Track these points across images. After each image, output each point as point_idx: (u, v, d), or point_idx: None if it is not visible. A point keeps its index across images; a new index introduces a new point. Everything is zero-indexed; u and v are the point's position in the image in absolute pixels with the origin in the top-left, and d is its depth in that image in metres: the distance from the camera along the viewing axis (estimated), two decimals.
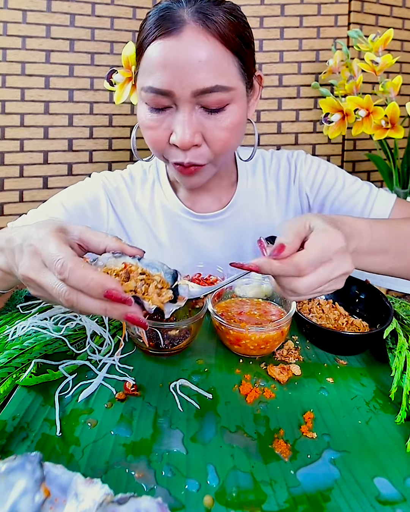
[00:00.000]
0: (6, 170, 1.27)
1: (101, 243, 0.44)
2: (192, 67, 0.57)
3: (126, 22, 1.34)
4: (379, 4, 1.46)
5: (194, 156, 0.62)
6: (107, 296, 0.37)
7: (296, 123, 1.45)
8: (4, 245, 0.47)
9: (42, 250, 0.40)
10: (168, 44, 0.57)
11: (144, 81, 0.61)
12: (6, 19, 1.23)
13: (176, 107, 0.60)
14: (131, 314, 0.39)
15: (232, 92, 0.60)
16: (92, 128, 1.35)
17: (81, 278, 0.37)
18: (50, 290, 0.39)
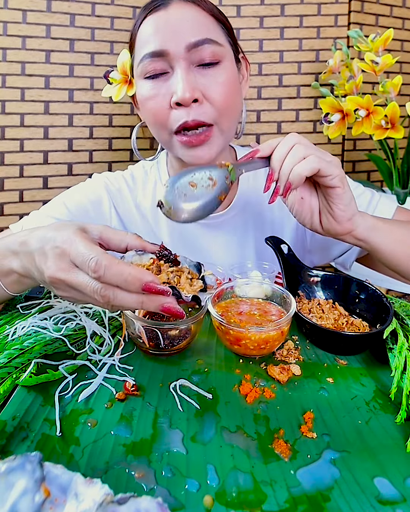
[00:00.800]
0: (6, 170, 1.27)
1: (122, 241, 0.45)
2: (182, 26, 0.62)
3: (126, 22, 1.34)
4: (379, 4, 1.46)
5: (197, 113, 0.63)
6: (146, 289, 0.38)
7: (296, 123, 1.45)
8: (18, 249, 0.46)
9: (70, 251, 0.40)
10: (157, 15, 0.63)
11: (139, 55, 0.64)
12: (6, 19, 1.23)
13: (173, 70, 0.63)
14: (167, 304, 0.40)
15: (222, 48, 0.64)
16: (92, 128, 1.35)
17: (119, 273, 0.38)
18: (83, 288, 0.39)
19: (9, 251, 0.48)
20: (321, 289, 0.63)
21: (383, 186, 1.44)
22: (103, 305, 0.41)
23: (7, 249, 0.48)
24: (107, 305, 0.41)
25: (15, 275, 0.49)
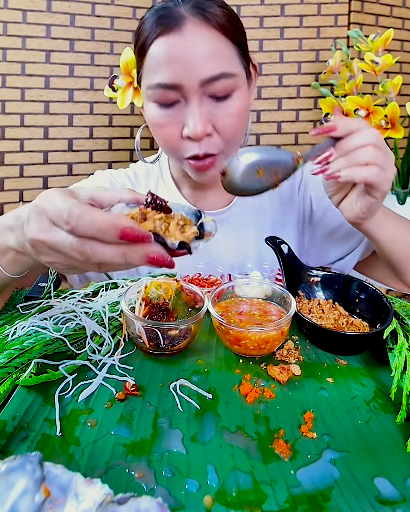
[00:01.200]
0: (6, 170, 1.27)
1: (114, 197, 0.42)
2: (198, 58, 0.59)
3: (126, 22, 1.34)
4: (379, 4, 1.46)
5: (207, 146, 0.63)
6: (122, 236, 0.34)
7: (296, 123, 1.45)
8: (14, 224, 0.44)
9: (47, 207, 0.37)
10: (171, 40, 0.59)
11: (150, 79, 0.62)
12: (6, 19, 1.23)
13: (185, 101, 0.62)
14: (153, 253, 0.36)
15: (235, 78, 0.62)
16: (92, 128, 1.35)
17: (91, 222, 0.34)
18: (62, 247, 0.36)
19: (6, 228, 0.45)
20: (321, 289, 0.63)
21: None
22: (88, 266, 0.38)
23: (3, 226, 0.46)
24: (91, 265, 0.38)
25: (11, 252, 0.46)
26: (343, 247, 0.83)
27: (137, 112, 1.37)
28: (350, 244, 0.82)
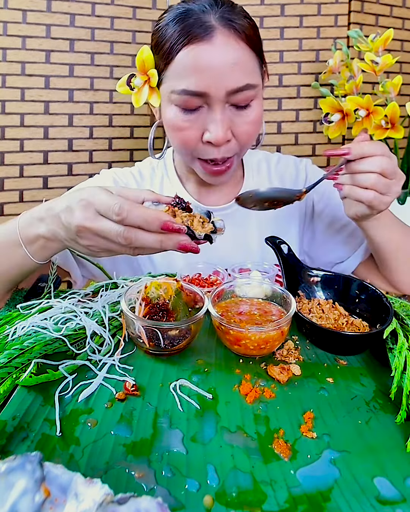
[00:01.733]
0: (6, 170, 1.27)
1: (138, 196, 0.50)
2: (226, 69, 0.61)
3: (126, 22, 1.34)
4: (379, 4, 1.46)
5: (225, 151, 0.67)
6: (164, 227, 0.44)
7: (296, 123, 1.45)
8: (44, 215, 0.52)
9: (95, 201, 0.45)
10: (201, 49, 0.61)
11: (176, 84, 0.63)
12: (6, 19, 1.23)
13: (208, 107, 0.64)
14: (183, 242, 0.45)
15: (256, 89, 0.65)
16: (92, 128, 1.35)
17: (140, 214, 0.43)
18: (108, 233, 0.45)
19: (35, 219, 0.53)
20: (321, 289, 0.63)
21: None
22: (126, 249, 0.47)
23: (32, 217, 0.53)
24: (129, 249, 0.47)
25: (41, 240, 0.53)
26: (344, 248, 0.85)
27: (137, 112, 1.37)
28: (351, 246, 0.84)
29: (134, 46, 1.36)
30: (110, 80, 1.34)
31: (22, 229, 0.54)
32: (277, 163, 0.88)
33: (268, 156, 0.89)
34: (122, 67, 1.35)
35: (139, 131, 1.39)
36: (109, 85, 1.34)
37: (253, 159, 0.87)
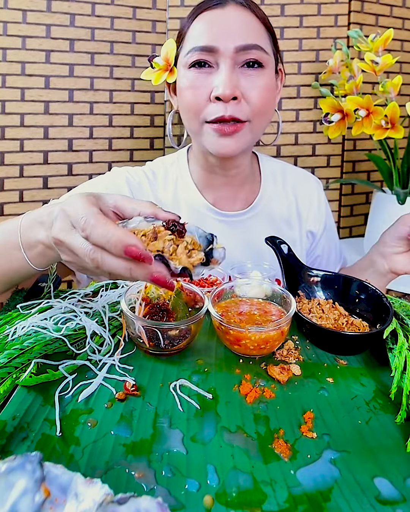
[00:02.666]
0: (6, 170, 1.27)
1: (135, 209, 0.44)
2: (236, 28, 0.66)
3: (126, 22, 1.34)
4: (379, 4, 1.46)
5: (234, 110, 0.66)
6: (126, 252, 0.37)
7: (296, 123, 1.45)
8: (46, 219, 0.47)
9: (70, 212, 0.41)
10: (213, 13, 0.68)
11: (188, 46, 0.68)
12: (6, 19, 1.23)
13: (217, 66, 0.67)
14: (156, 274, 0.38)
15: (267, 56, 0.69)
16: (92, 128, 1.35)
17: (103, 234, 0.37)
18: (77, 250, 0.40)
19: (37, 222, 0.49)
20: (321, 289, 0.63)
21: (383, 186, 1.44)
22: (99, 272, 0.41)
23: (34, 220, 0.50)
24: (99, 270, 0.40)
25: (40, 246, 0.50)
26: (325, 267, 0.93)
27: (137, 112, 1.37)
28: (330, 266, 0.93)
29: (134, 46, 1.36)
30: (110, 80, 1.34)
31: (24, 232, 0.51)
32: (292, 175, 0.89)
33: (283, 167, 0.90)
34: (122, 67, 1.35)
35: (139, 131, 1.39)
36: (109, 85, 1.34)
37: (271, 167, 0.88)
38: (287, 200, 0.86)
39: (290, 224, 0.86)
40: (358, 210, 1.52)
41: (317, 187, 0.90)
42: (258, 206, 0.83)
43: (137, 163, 1.39)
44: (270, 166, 0.87)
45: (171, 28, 1.36)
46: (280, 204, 0.85)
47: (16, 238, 0.51)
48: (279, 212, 0.85)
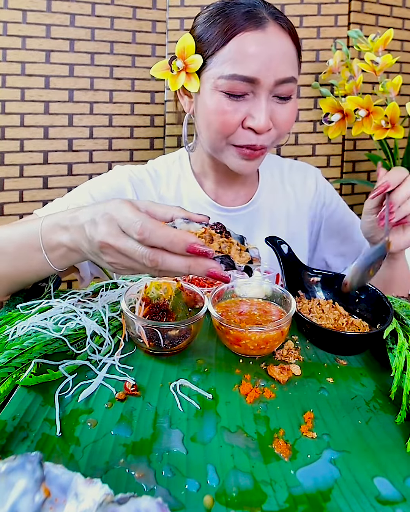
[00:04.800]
0: (6, 170, 1.27)
1: (167, 213, 0.46)
2: (277, 59, 0.64)
3: (126, 22, 1.34)
4: (379, 4, 1.46)
5: (265, 139, 0.68)
6: (190, 250, 0.40)
7: (296, 123, 1.45)
8: (69, 224, 0.49)
9: (118, 217, 0.42)
10: (256, 36, 0.64)
11: (225, 69, 0.65)
12: (6, 19, 1.23)
13: (254, 95, 0.66)
14: (213, 269, 0.41)
15: (296, 84, 0.69)
16: (92, 128, 1.35)
17: (164, 235, 0.40)
18: (132, 253, 0.42)
19: (59, 227, 0.51)
20: (321, 289, 0.63)
21: None
22: (150, 270, 0.43)
23: (56, 224, 0.51)
24: (154, 270, 0.43)
25: (63, 249, 0.52)
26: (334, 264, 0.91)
27: (137, 112, 1.37)
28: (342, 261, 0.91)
29: (134, 46, 1.36)
30: (110, 80, 1.34)
31: (45, 234, 0.52)
32: (289, 169, 0.90)
33: (280, 161, 0.92)
34: (122, 67, 1.35)
35: (139, 131, 1.39)
36: (109, 85, 1.34)
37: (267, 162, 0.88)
38: (285, 194, 0.88)
39: (289, 216, 0.87)
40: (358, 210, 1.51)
41: (314, 175, 0.91)
42: (257, 201, 0.84)
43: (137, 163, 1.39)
44: (267, 161, 0.88)
45: (171, 28, 1.36)
46: (278, 198, 0.87)
47: (36, 240, 0.53)
48: (278, 206, 0.86)
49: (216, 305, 0.55)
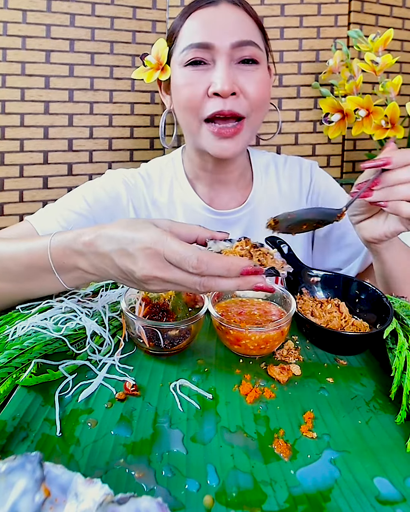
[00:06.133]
0: (6, 170, 1.27)
1: (191, 233, 0.48)
2: (231, 25, 0.67)
3: (126, 22, 1.34)
4: (379, 4, 1.46)
5: (233, 105, 0.66)
6: (244, 273, 0.42)
7: (296, 123, 1.45)
8: (84, 249, 0.48)
9: (164, 251, 0.42)
10: (207, 11, 0.69)
11: (183, 43, 0.68)
12: (6, 19, 1.22)
13: (214, 63, 0.67)
14: (260, 284, 0.43)
15: (261, 53, 0.69)
16: (92, 128, 1.35)
17: (222, 266, 0.42)
18: (184, 283, 0.43)
19: (72, 251, 0.49)
20: (321, 289, 0.63)
21: None
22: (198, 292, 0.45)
23: (69, 248, 0.50)
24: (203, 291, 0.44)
25: (79, 272, 0.51)
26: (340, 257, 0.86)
27: (137, 112, 1.37)
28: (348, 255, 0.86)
29: (134, 46, 1.35)
30: (110, 80, 1.34)
31: (55, 258, 0.51)
32: (284, 164, 0.88)
33: (275, 158, 0.89)
34: (122, 67, 1.35)
35: (139, 131, 1.39)
36: (109, 85, 1.34)
37: (262, 161, 0.87)
38: (280, 192, 0.85)
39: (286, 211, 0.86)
40: None
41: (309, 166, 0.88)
42: (252, 203, 0.83)
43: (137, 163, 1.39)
44: (260, 160, 0.87)
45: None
46: (274, 198, 0.85)
47: (46, 262, 0.51)
48: (274, 206, 0.84)
49: (216, 305, 0.55)
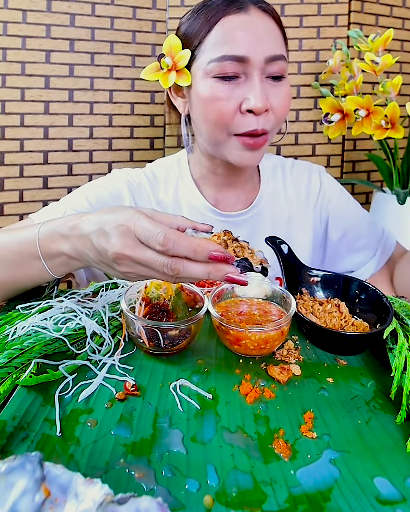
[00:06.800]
0: (6, 170, 1.27)
1: (172, 223, 0.48)
2: (264, 37, 0.65)
3: (126, 22, 1.34)
4: (379, 4, 1.46)
5: (265, 122, 0.66)
6: (212, 257, 0.41)
7: (296, 123, 1.45)
8: (69, 233, 0.49)
9: (135, 228, 0.42)
10: (239, 18, 0.65)
11: (214, 53, 0.65)
12: (6, 19, 1.22)
13: (246, 77, 0.65)
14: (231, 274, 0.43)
15: (286, 65, 0.68)
16: (92, 128, 1.35)
17: (188, 245, 0.41)
18: (152, 263, 0.42)
19: (57, 235, 0.50)
20: (321, 289, 0.63)
21: (383, 186, 1.44)
22: (168, 278, 0.44)
23: (55, 232, 0.51)
24: (172, 278, 0.43)
25: (63, 257, 0.51)
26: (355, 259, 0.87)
27: (137, 112, 1.37)
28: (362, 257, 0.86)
29: (134, 46, 1.35)
30: (110, 80, 1.34)
31: (43, 243, 0.51)
32: (291, 168, 0.88)
33: (282, 161, 0.89)
34: (122, 67, 1.35)
35: (139, 131, 1.39)
36: (109, 85, 1.34)
37: (269, 164, 0.87)
38: (287, 196, 0.85)
39: (291, 219, 0.85)
40: None
41: (318, 172, 0.88)
42: (258, 205, 0.83)
43: (137, 163, 1.39)
44: (268, 163, 0.87)
45: (171, 28, 1.36)
46: (280, 201, 0.85)
47: (34, 248, 0.52)
48: (280, 209, 0.84)
49: (216, 305, 0.55)
